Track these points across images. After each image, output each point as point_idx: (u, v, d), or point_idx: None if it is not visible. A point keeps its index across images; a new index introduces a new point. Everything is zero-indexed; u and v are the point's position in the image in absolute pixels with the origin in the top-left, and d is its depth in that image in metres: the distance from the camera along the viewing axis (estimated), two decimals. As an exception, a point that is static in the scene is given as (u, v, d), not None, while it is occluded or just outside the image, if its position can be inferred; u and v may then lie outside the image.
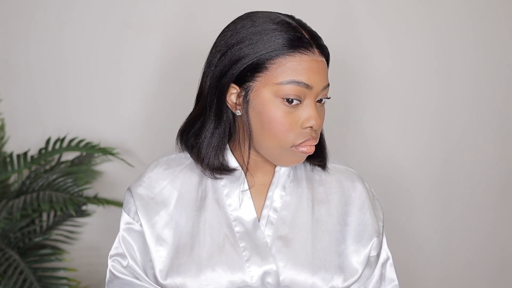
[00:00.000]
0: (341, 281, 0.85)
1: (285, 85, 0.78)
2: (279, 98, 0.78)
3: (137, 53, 1.71)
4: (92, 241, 1.78)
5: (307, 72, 0.78)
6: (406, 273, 1.84)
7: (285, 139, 0.80)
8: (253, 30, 0.79)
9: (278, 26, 0.79)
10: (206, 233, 0.85)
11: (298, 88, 0.78)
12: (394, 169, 1.83)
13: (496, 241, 1.91)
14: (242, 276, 0.83)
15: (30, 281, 1.43)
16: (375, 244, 0.91)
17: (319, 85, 0.79)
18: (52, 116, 1.74)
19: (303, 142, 0.81)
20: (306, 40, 0.78)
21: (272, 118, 0.79)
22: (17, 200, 1.50)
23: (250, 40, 0.79)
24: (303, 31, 0.80)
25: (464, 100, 1.82)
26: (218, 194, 0.88)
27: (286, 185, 0.90)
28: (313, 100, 0.80)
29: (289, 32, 0.78)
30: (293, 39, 0.78)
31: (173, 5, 1.70)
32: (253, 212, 0.87)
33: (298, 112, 0.80)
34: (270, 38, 0.78)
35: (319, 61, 0.79)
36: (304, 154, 0.82)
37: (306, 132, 0.80)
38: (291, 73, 0.78)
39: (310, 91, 0.79)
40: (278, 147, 0.81)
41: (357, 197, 0.93)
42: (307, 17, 0.87)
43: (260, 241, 0.85)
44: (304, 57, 0.78)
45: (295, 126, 0.80)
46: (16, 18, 1.69)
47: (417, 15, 1.76)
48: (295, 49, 0.78)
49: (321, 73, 0.79)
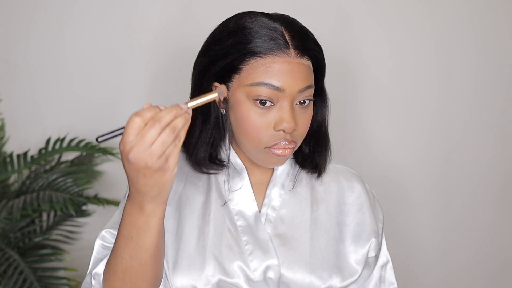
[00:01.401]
0: (339, 281, 0.85)
1: (256, 87, 0.77)
2: (251, 99, 0.78)
3: (137, 53, 1.71)
4: (92, 241, 1.77)
5: (277, 74, 0.77)
6: (406, 273, 1.84)
7: (257, 141, 0.80)
8: (231, 31, 0.80)
9: (254, 27, 0.78)
10: (211, 226, 0.86)
11: (269, 91, 0.77)
12: (394, 169, 1.83)
13: (496, 241, 1.91)
14: (245, 270, 0.83)
15: (30, 281, 1.43)
16: (373, 244, 0.91)
17: (293, 88, 0.77)
18: (52, 116, 1.74)
19: (276, 144, 0.80)
20: (281, 41, 0.77)
21: (245, 119, 0.79)
22: (17, 200, 1.50)
23: (226, 41, 0.79)
24: (285, 31, 0.78)
25: (464, 100, 1.82)
26: (221, 188, 0.88)
27: (285, 184, 0.90)
28: (289, 102, 0.78)
29: (263, 33, 0.77)
30: (266, 40, 0.77)
31: (173, 5, 1.70)
32: (255, 207, 0.87)
33: (271, 114, 0.79)
34: (244, 40, 0.78)
35: (294, 63, 0.77)
36: (279, 156, 0.81)
37: (279, 134, 0.79)
38: (262, 75, 0.77)
39: (283, 94, 0.77)
40: (252, 147, 0.82)
41: (356, 198, 0.93)
42: (307, 17, 0.87)
43: (262, 236, 0.85)
44: (276, 58, 0.77)
45: (268, 128, 0.79)
46: (16, 18, 1.69)
47: (417, 15, 1.76)
48: (267, 51, 0.77)
49: (295, 75, 0.77)
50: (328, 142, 0.91)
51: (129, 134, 0.62)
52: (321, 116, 0.89)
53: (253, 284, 0.83)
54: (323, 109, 0.89)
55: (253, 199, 0.88)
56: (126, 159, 0.63)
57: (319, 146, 0.90)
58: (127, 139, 0.62)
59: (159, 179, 0.65)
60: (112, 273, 0.73)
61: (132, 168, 0.63)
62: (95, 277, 0.80)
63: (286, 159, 0.84)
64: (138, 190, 0.66)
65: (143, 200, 0.67)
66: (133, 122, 0.62)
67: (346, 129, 1.79)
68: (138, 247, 0.70)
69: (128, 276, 0.72)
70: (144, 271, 0.72)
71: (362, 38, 1.75)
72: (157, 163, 0.63)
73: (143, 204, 0.67)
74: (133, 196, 0.67)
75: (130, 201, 0.68)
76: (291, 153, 0.82)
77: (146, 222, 0.68)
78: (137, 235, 0.69)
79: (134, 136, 0.62)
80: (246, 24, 0.79)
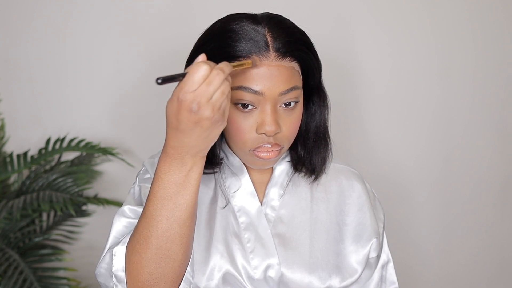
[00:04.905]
0: (339, 281, 0.85)
1: (236, 90, 0.76)
2: (233, 103, 0.78)
3: (137, 53, 1.71)
4: (92, 241, 1.78)
5: (256, 78, 0.76)
6: (406, 273, 1.84)
7: (241, 143, 0.80)
8: (214, 34, 0.79)
9: (236, 30, 0.77)
10: (217, 221, 0.86)
11: (248, 94, 0.76)
12: (394, 169, 1.83)
13: (496, 241, 1.91)
14: (246, 267, 0.83)
15: (30, 281, 1.43)
16: (374, 245, 0.91)
17: (273, 91, 0.76)
18: (52, 116, 1.74)
19: (260, 147, 0.80)
20: (261, 44, 0.76)
21: (229, 122, 0.79)
22: (17, 200, 1.50)
23: (209, 45, 0.79)
24: (268, 32, 0.77)
25: (464, 100, 1.82)
26: (224, 186, 0.89)
27: (285, 183, 0.90)
28: (271, 105, 0.77)
29: (244, 37, 0.76)
30: (246, 44, 0.76)
31: (173, 5, 1.70)
32: (257, 203, 0.87)
33: (253, 117, 0.78)
34: (225, 43, 0.77)
35: (273, 65, 0.76)
36: (264, 159, 0.80)
37: (262, 137, 0.79)
38: (241, 79, 0.76)
39: (263, 97, 0.76)
40: (238, 149, 0.82)
41: (356, 197, 0.92)
42: (307, 18, 0.87)
43: (264, 233, 0.85)
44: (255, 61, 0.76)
45: (250, 131, 0.78)
46: (16, 18, 1.69)
47: (417, 15, 1.76)
48: (246, 54, 0.76)
49: (274, 78, 0.76)
50: (328, 143, 0.90)
51: (195, 82, 0.61)
52: (319, 116, 0.88)
53: (253, 282, 0.83)
54: (322, 110, 0.88)
55: (255, 195, 0.87)
56: (187, 109, 0.62)
57: (317, 147, 0.89)
58: (191, 87, 0.61)
59: (213, 131, 0.65)
60: (143, 241, 0.69)
61: (192, 118, 0.63)
62: (116, 253, 0.73)
63: (275, 161, 0.83)
64: (186, 144, 0.65)
65: (187, 154, 0.66)
66: (201, 69, 0.61)
67: (346, 129, 1.79)
68: (177, 206, 0.68)
69: (165, 241, 0.69)
70: (182, 233, 0.69)
71: (362, 38, 1.75)
72: (217, 114, 0.63)
73: (186, 159, 0.66)
74: (175, 151, 0.66)
75: (169, 158, 0.67)
76: (277, 155, 0.81)
77: (187, 177, 0.68)
78: (176, 193, 0.68)
79: (199, 84, 0.61)
80: (229, 27, 0.78)
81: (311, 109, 0.87)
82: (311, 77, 0.83)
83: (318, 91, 0.87)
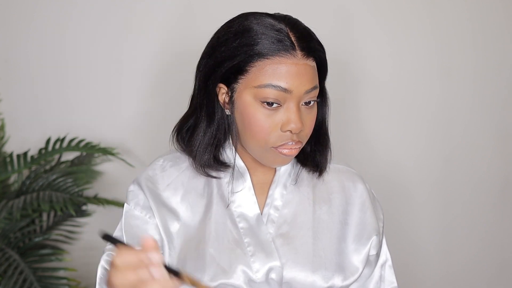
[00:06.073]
0: (341, 280, 0.86)
1: (263, 88, 0.78)
2: (258, 101, 0.79)
3: (137, 53, 1.71)
4: (92, 241, 1.78)
5: (285, 76, 0.77)
6: (406, 273, 1.84)
7: (264, 141, 0.81)
8: (236, 32, 0.80)
9: (260, 28, 0.78)
10: (212, 228, 0.86)
11: (276, 92, 0.77)
12: (394, 169, 1.83)
13: (496, 241, 1.91)
14: (247, 272, 0.83)
15: (30, 281, 1.43)
16: (374, 242, 0.91)
17: (300, 89, 0.78)
18: (52, 116, 1.74)
19: (283, 144, 0.81)
20: (288, 43, 0.77)
21: (252, 120, 0.80)
22: (17, 200, 1.50)
23: (232, 42, 0.79)
24: (291, 32, 0.78)
25: (464, 100, 1.82)
26: (223, 190, 0.88)
27: (287, 183, 0.91)
28: (296, 103, 0.79)
29: (270, 35, 0.77)
30: (273, 42, 0.77)
31: (173, 5, 1.70)
32: (257, 209, 0.88)
33: (278, 115, 0.79)
34: (251, 41, 0.78)
35: (301, 64, 0.78)
36: (286, 156, 0.82)
37: (286, 135, 0.80)
38: (269, 77, 0.77)
39: (290, 95, 0.78)
40: (259, 147, 0.82)
41: (357, 197, 0.93)
42: (307, 17, 0.87)
43: (264, 237, 0.86)
44: (283, 60, 0.77)
45: (275, 128, 0.80)
46: (16, 18, 1.69)
47: (417, 15, 1.76)
48: (275, 53, 0.77)
49: (302, 76, 0.78)
50: (328, 141, 0.91)
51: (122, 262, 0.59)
52: (321, 115, 0.89)
53: (254, 285, 0.83)
54: (324, 109, 0.90)
55: (254, 201, 0.88)
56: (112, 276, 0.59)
57: (320, 145, 0.90)
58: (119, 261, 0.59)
59: None
60: None
61: None
62: None
63: (292, 159, 0.85)
64: None
65: None
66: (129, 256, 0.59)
67: (346, 128, 1.79)
68: None
69: None
70: None
71: (362, 38, 1.75)
72: None
73: None
74: None
75: None
76: (297, 152, 0.83)
77: None
78: None
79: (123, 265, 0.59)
80: (251, 25, 0.79)
81: None
82: (322, 77, 0.85)
83: (321, 90, 0.88)
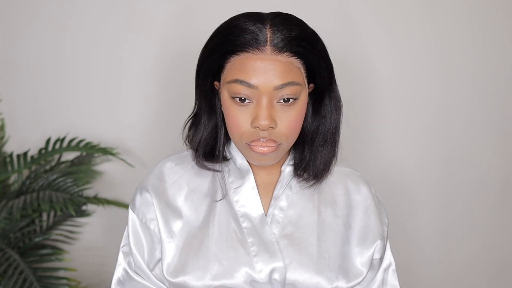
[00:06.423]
0: (345, 282, 0.86)
1: (232, 84, 0.78)
2: (231, 96, 0.80)
3: (137, 53, 1.71)
4: (92, 241, 1.78)
5: (250, 72, 0.77)
6: (406, 273, 1.84)
7: (239, 137, 0.81)
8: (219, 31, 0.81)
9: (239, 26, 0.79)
10: (215, 228, 0.86)
11: (244, 88, 0.77)
12: (394, 169, 1.83)
13: (496, 241, 1.91)
14: (249, 272, 0.83)
15: (30, 281, 1.43)
16: (378, 246, 0.91)
17: (267, 85, 0.76)
18: (52, 116, 1.74)
19: (255, 141, 0.80)
20: (260, 39, 0.77)
21: (228, 116, 0.81)
22: (17, 200, 1.50)
23: (214, 40, 0.81)
24: (270, 28, 0.77)
25: (464, 100, 1.82)
26: (227, 190, 0.89)
27: (293, 184, 0.91)
28: (267, 99, 0.77)
29: (246, 32, 0.77)
30: (244, 38, 0.77)
31: (173, 5, 1.70)
32: (260, 209, 0.87)
33: (249, 111, 0.79)
34: (226, 38, 0.79)
35: (268, 60, 0.76)
36: (259, 154, 0.81)
37: (256, 131, 0.79)
38: (237, 72, 0.78)
39: (258, 91, 0.77)
40: (237, 144, 0.83)
41: (362, 200, 0.93)
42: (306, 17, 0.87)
43: (268, 238, 0.86)
44: (250, 55, 0.77)
45: (246, 124, 0.79)
46: (16, 18, 1.69)
47: (417, 15, 1.76)
48: (243, 48, 0.77)
49: (268, 72, 0.76)
50: (336, 148, 0.89)
51: None
52: (330, 120, 0.87)
53: (257, 285, 0.83)
54: (334, 114, 0.88)
55: (258, 201, 0.88)
56: None
57: (322, 151, 0.88)
58: None
59: None
60: None
61: None
62: None
63: (273, 158, 0.83)
64: None
65: None
66: None
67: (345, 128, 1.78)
68: None
69: None
70: None
71: (361, 38, 1.75)
72: None
73: None
74: None
75: None
76: (273, 152, 0.81)
77: None
78: None
79: None
80: (234, 23, 0.80)
81: (322, 111, 0.87)
82: (318, 76, 0.82)
83: (329, 93, 0.86)
